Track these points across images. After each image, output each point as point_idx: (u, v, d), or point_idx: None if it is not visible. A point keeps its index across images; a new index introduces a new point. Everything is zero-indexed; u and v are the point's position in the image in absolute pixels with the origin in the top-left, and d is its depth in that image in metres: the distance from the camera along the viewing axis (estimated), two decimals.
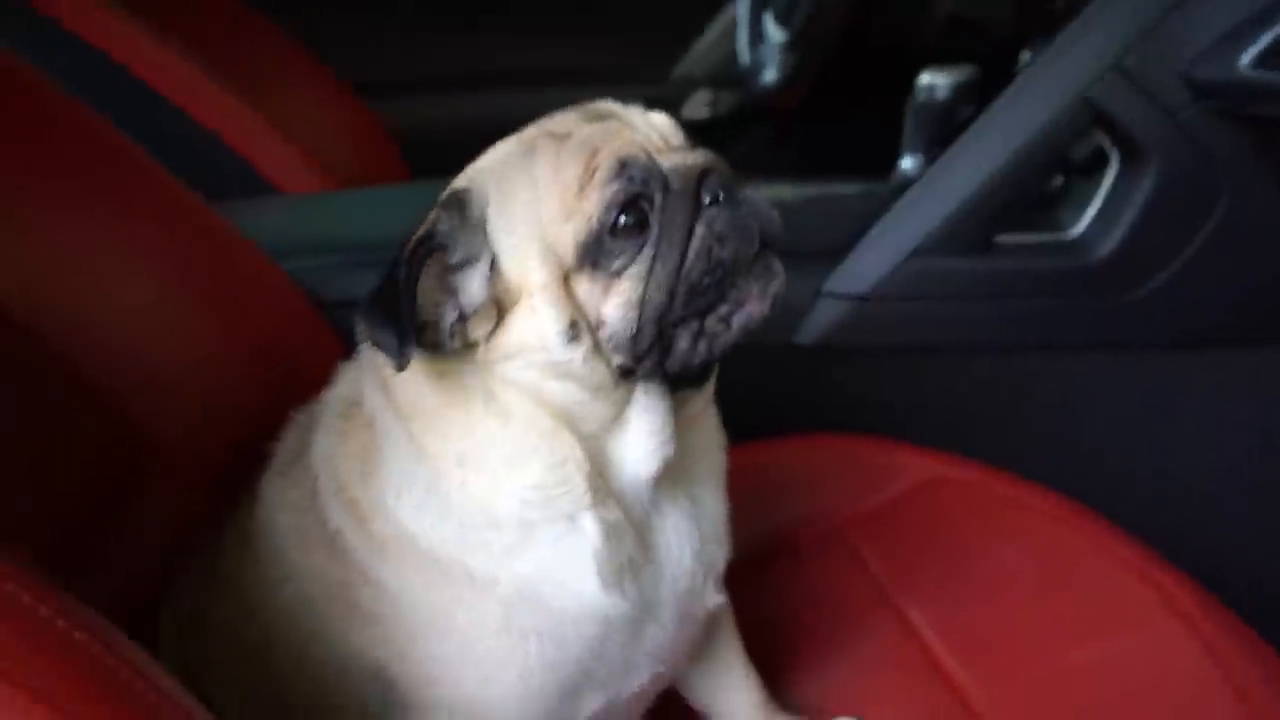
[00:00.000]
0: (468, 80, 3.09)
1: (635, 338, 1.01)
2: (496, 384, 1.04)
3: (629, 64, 3.26)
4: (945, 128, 2.03)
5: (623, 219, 0.99)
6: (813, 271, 1.88)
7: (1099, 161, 1.82)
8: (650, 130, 1.06)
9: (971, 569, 1.58)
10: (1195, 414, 1.92)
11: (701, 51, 3.31)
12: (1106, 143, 1.79)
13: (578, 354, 1.01)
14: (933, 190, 1.83)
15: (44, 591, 0.77)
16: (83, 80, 1.58)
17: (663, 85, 3.30)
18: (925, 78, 2.05)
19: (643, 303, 1.00)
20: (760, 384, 1.95)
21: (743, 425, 1.79)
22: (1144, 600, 1.45)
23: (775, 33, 3.00)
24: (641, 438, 1.07)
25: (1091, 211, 1.82)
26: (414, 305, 0.99)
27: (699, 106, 3.26)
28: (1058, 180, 1.89)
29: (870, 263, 1.85)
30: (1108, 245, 1.80)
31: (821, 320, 1.86)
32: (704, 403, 1.17)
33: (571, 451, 1.04)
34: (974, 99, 2.01)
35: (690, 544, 1.15)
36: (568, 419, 1.05)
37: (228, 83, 2.24)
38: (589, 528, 1.06)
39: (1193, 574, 1.49)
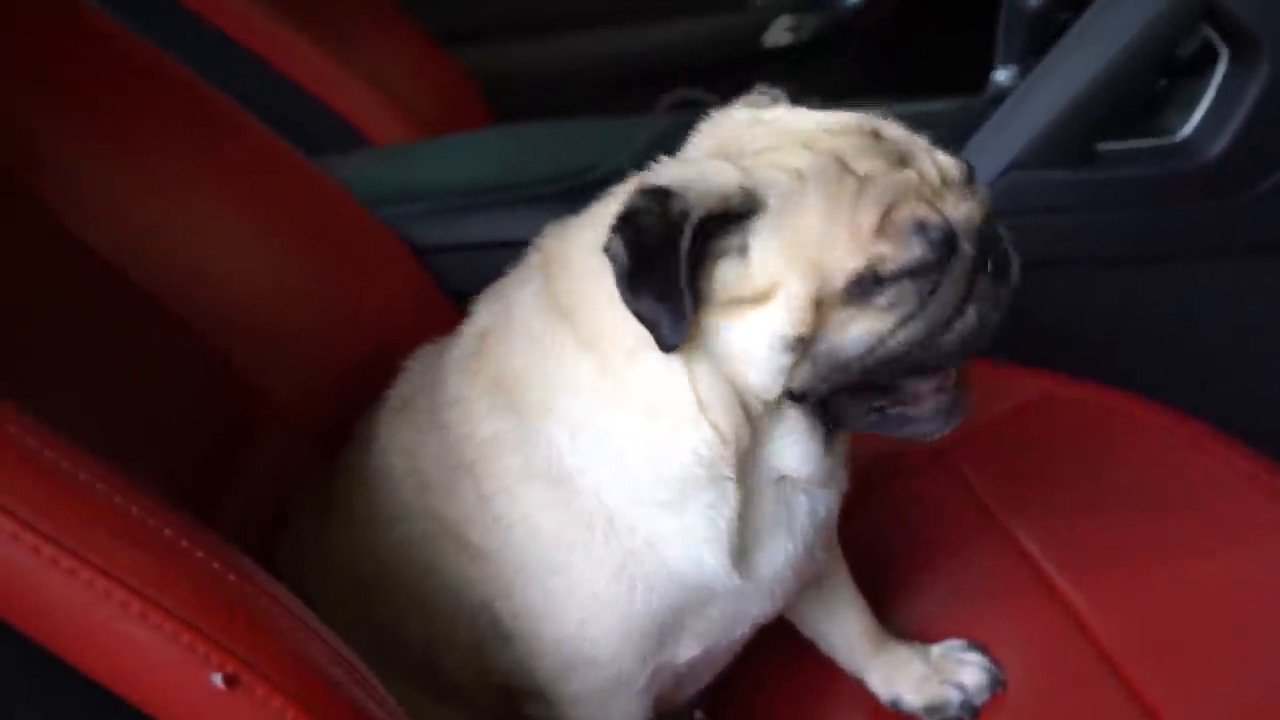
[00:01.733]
0: (544, 22, 3.07)
1: (851, 365, 1.03)
2: (693, 358, 1.04)
3: None
4: (1040, 35, 1.95)
5: (913, 274, 1.02)
6: None
7: (1207, 58, 1.73)
8: (936, 173, 1.06)
9: (1082, 487, 1.55)
10: None
11: None
12: (1215, 37, 1.70)
13: (784, 363, 1.02)
14: (1030, 100, 1.77)
15: (186, 526, 0.81)
16: (176, 43, 1.61)
17: (743, 13, 3.24)
18: None
19: (883, 340, 1.02)
20: None
21: None
22: (1266, 511, 1.41)
23: None
24: (791, 454, 1.10)
25: (1200, 112, 1.75)
26: (691, 284, 0.98)
27: (781, 32, 3.20)
28: (1162, 82, 1.82)
29: None
30: (1217, 146, 1.72)
31: None
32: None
33: (736, 430, 1.06)
34: (1069, 3, 1.93)
35: (805, 542, 1.17)
36: (743, 402, 1.06)
37: (315, 38, 2.27)
38: (733, 498, 1.08)
39: None
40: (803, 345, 1.01)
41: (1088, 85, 1.71)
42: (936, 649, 1.38)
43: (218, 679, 0.76)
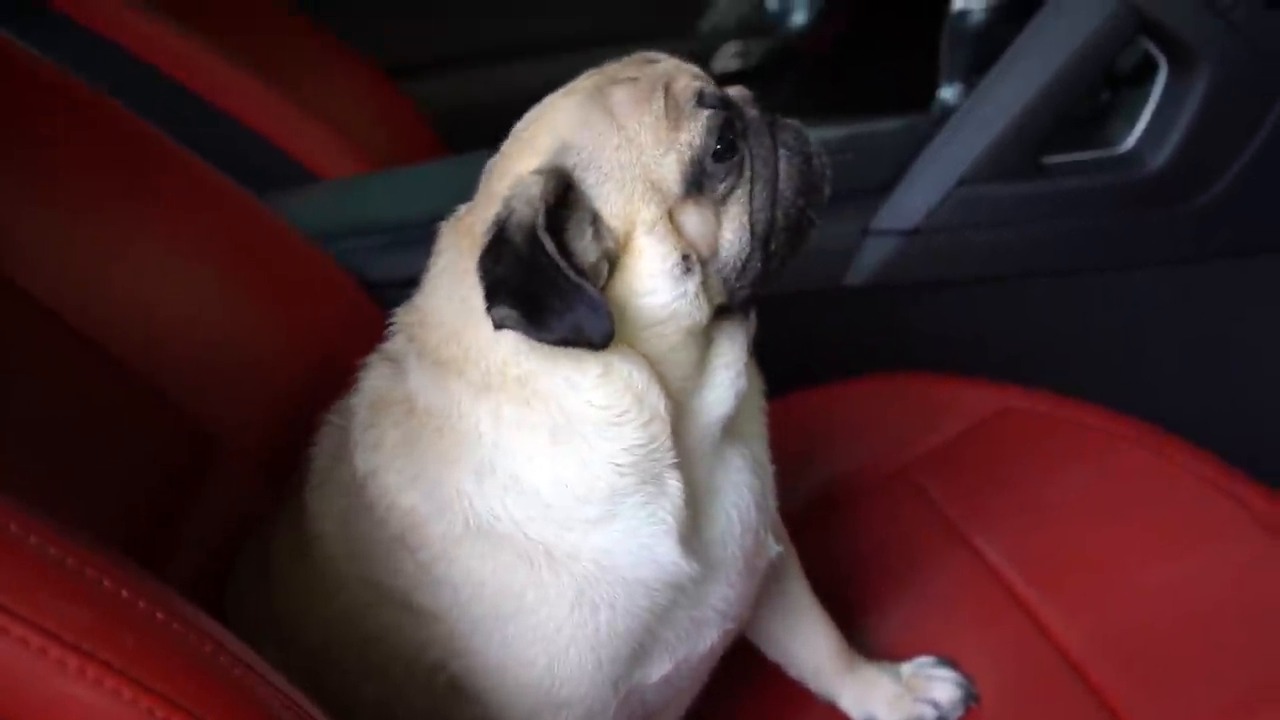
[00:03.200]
0: (493, 54, 3.07)
1: (748, 261, 1.05)
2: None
3: (654, 21, 3.22)
4: (983, 52, 1.98)
5: (720, 145, 1.02)
6: (859, 210, 1.85)
7: (1147, 70, 1.76)
8: (687, 67, 1.09)
9: (1043, 497, 1.55)
10: (1267, 323, 1.87)
11: (727, 2, 3.26)
12: (1154, 49, 1.73)
13: (690, 287, 1.01)
14: (976, 117, 1.79)
15: (126, 576, 0.78)
16: (115, 82, 1.59)
17: (690, 40, 3.26)
18: (959, 2, 2.00)
19: (753, 221, 1.04)
20: (814, 329, 1.93)
21: (799, 372, 1.79)
22: (1226, 514, 1.41)
23: None
24: (722, 375, 1.08)
25: (1142, 123, 1.77)
26: (576, 275, 0.96)
27: (729, 58, 3.22)
28: (1105, 94, 1.84)
29: (917, 196, 1.81)
30: (1161, 157, 1.75)
31: (871, 259, 1.83)
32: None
33: (659, 407, 1.02)
34: (1011, 19, 1.95)
35: (752, 496, 1.14)
36: (659, 371, 1.03)
37: (259, 74, 2.25)
38: (673, 487, 1.04)
39: (1272, 486, 1.45)
40: (690, 263, 1.01)
41: (1031, 99, 1.73)
42: (907, 667, 1.38)
43: None
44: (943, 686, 1.33)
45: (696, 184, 1.02)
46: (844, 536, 1.61)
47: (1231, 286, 1.85)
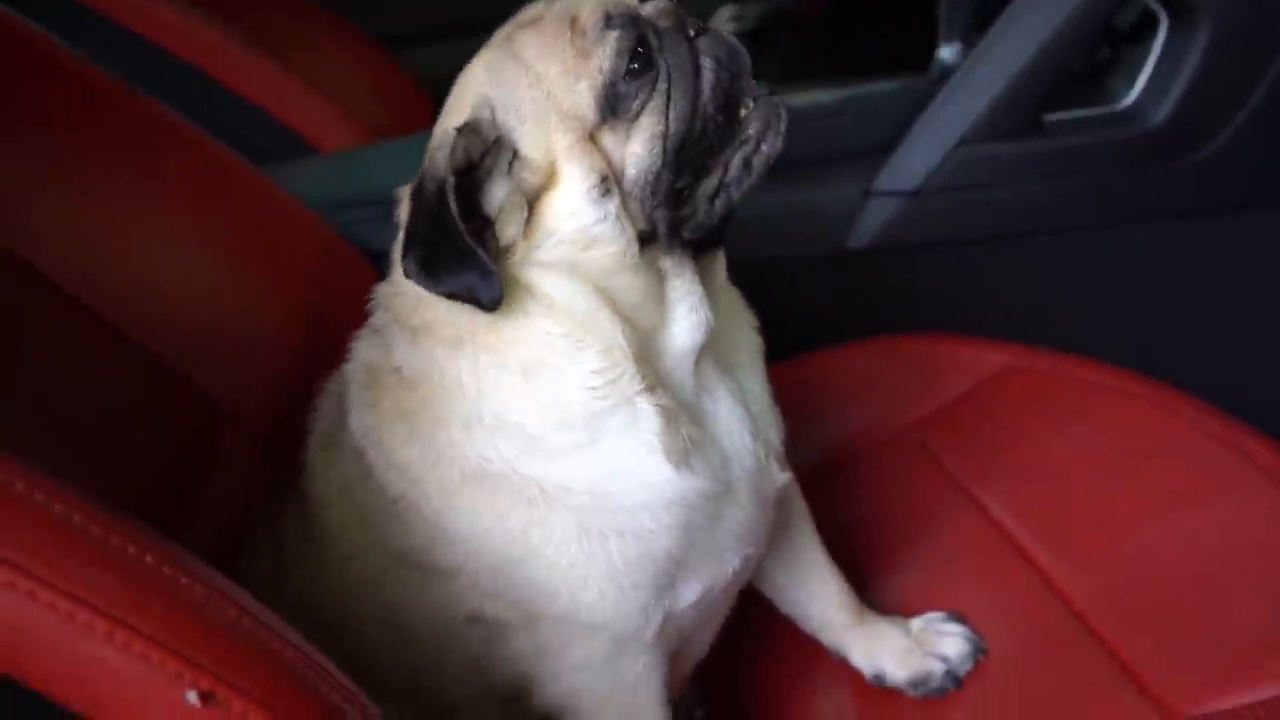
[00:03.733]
0: (490, 22, 3.04)
1: (659, 176, 1.03)
2: (535, 276, 1.06)
3: None
4: (981, 12, 1.97)
5: (633, 64, 1.02)
6: (860, 172, 1.85)
7: (1147, 26, 1.75)
8: None
9: (1049, 454, 1.56)
10: (1269, 276, 1.87)
11: None
12: (1154, 4, 1.72)
13: (610, 209, 1.03)
14: (975, 76, 1.78)
15: (150, 542, 0.79)
16: (119, 60, 1.58)
17: (686, 3, 3.24)
18: None
19: (665, 135, 1.03)
20: (817, 292, 1.94)
21: (804, 335, 1.79)
22: (1232, 468, 1.42)
23: None
24: (678, 308, 1.09)
25: (1143, 79, 1.77)
26: (474, 240, 1.00)
27: (725, 22, 3.19)
28: (1104, 51, 1.83)
29: (918, 157, 1.81)
30: (1162, 112, 1.75)
31: (874, 221, 1.84)
32: (723, 270, 1.18)
33: (615, 333, 1.06)
34: None
35: (743, 422, 1.16)
36: (607, 298, 1.06)
37: (258, 49, 2.24)
38: (645, 410, 1.07)
39: (1277, 439, 1.46)
40: (608, 184, 1.03)
41: (1031, 57, 1.72)
42: (916, 622, 1.39)
43: (192, 696, 0.74)
44: (952, 641, 1.35)
45: (612, 106, 1.02)
46: (852, 496, 1.62)
47: (1234, 240, 1.85)
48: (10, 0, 1.44)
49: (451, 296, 1.01)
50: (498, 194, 1.04)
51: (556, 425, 1.06)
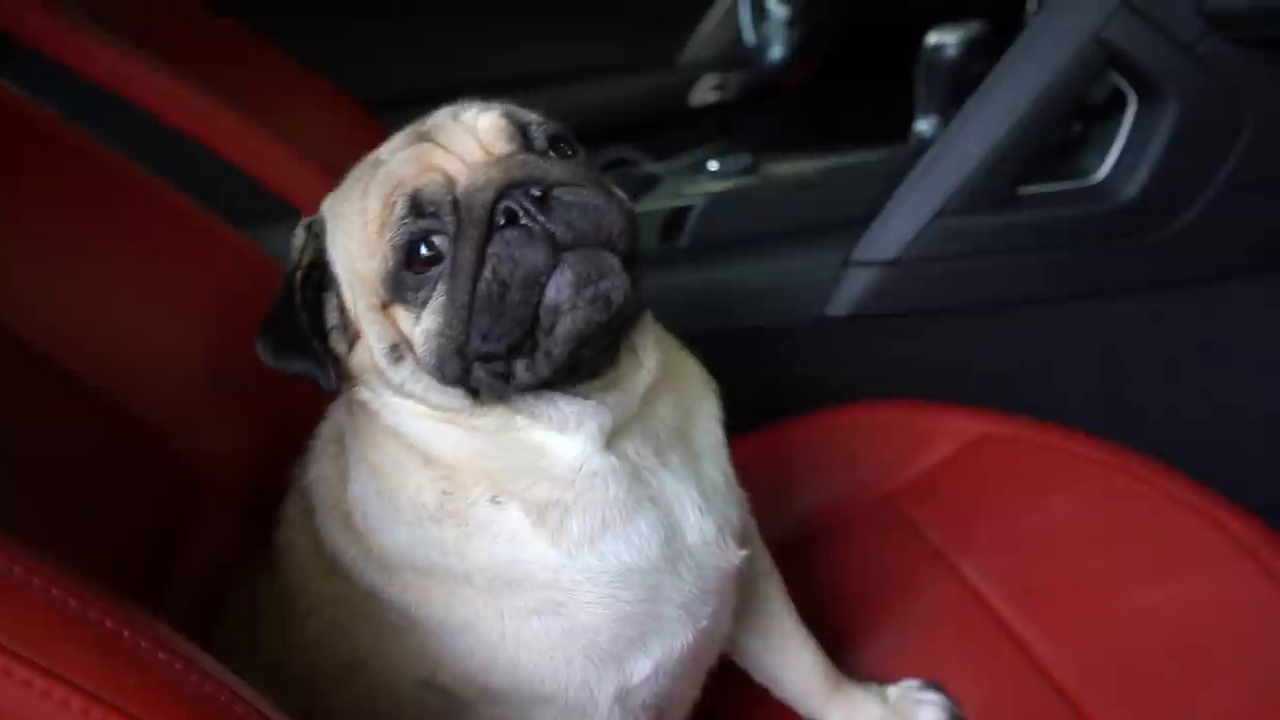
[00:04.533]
0: (473, 87, 3.08)
1: (440, 368, 1.03)
2: (371, 399, 1.11)
3: (633, 54, 3.26)
4: (958, 86, 2.02)
5: (422, 251, 1.01)
6: (838, 242, 1.88)
7: (1117, 102, 1.80)
8: (469, 142, 1.04)
9: (1027, 524, 1.57)
10: (1240, 347, 1.90)
11: (706, 35, 3.29)
12: (1123, 83, 1.77)
13: (405, 373, 1.06)
14: (952, 149, 1.82)
15: (128, 616, 0.78)
16: (92, 118, 1.60)
17: (668, 72, 3.29)
18: (933, 37, 2.04)
19: (441, 334, 1.01)
20: (796, 359, 1.95)
21: (783, 402, 1.81)
22: (1209, 541, 1.43)
23: (778, 9, 2.99)
24: (547, 432, 1.08)
25: (1114, 154, 1.81)
26: (314, 326, 1.07)
27: (707, 91, 3.25)
28: (1077, 126, 1.88)
29: (896, 228, 1.84)
30: (1133, 186, 1.79)
31: (851, 290, 1.86)
32: (645, 376, 1.13)
33: (458, 458, 1.08)
34: (984, 54, 2.00)
35: (690, 500, 1.15)
36: (441, 430, 1.08)
37: (238, 109, 2.26)
38: (512, 511, 1.08)
39: (1253, 511, 1.47)
40: (400, 351, 1.05)
41: (1006, 132, 1.76)
42: (894, 689, 1.39)
43: None
44: (929, 710, 1.35)
45: (398, 292, 1.03)
46: (829, 563, 1.63)
47: (1208, 312, 1.89)
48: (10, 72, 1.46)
49: (297, 377, 1.07)
50: (330, 314, 1.10)
51: (427, 519, 1.09)
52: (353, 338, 1.09)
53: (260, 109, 2.31)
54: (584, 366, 1.05)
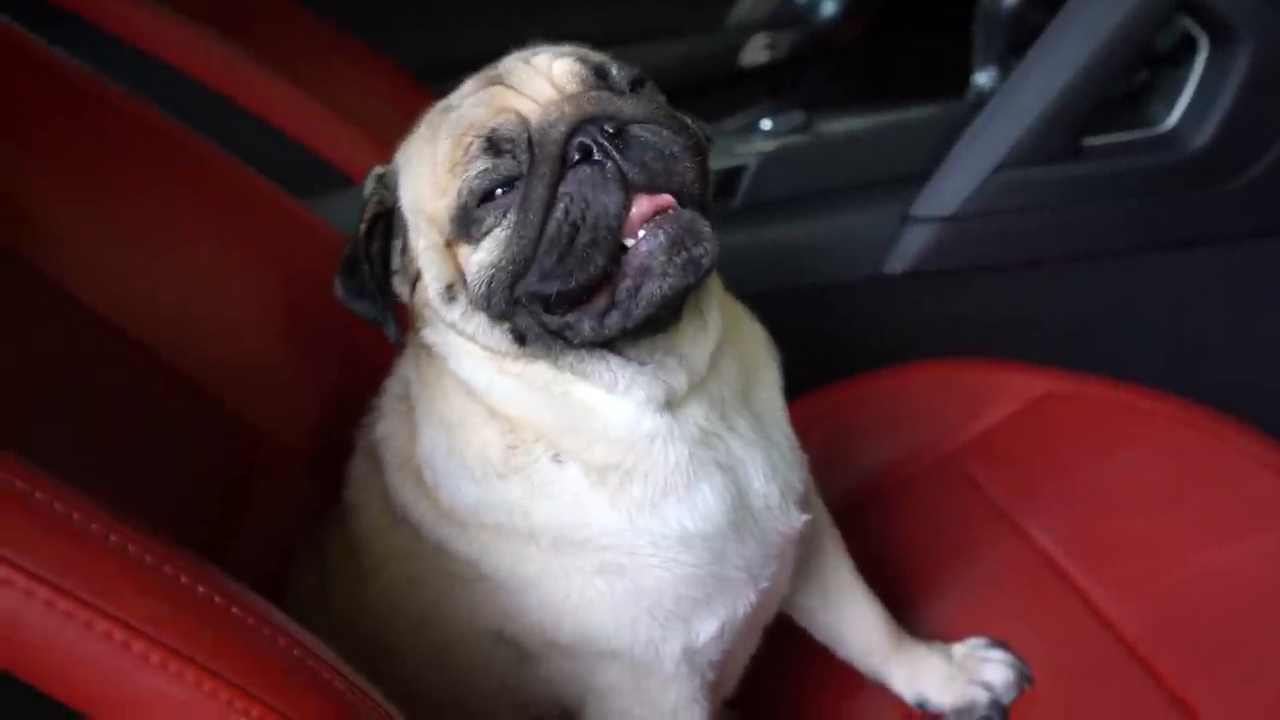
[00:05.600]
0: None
1: (488, 298, 1.02)
2: (437, 342, 1.12)
3: (683, 14, 3.22)
4: (1017, 37, 1.98)
5: (495, 189, 1.00)
6: (896, 198, 1.85)
7: (1186, 49, 1.75)
8: (542, 84, 1.03)
9: (1093, 481, 1.54)
10: None
11: None
12: (1194, 27, 1.72)
13: (457, 313, 1.06)
14: (1013, 101, 1.78)
15: (202, 572, 0.80)
16: (157, 94, 1.61)
17: (718, 34, 3.26)
18: None
19: (496, 266, 1.01)
20: (856, 318, 1.93)
21: (843, 362, 1.79)
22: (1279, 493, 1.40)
23: None
24: (598, 394, 1.08)
25: (1183, 102, 1.76)
26: (376, 276, 1.09)
27: (758, 50, 3.21)
28: (1143, 73, 1.83)
29: (955, 182, 1.81)
30: (1203, 135, 1.74)
31: (911, 246, 1.84)
32: (711, 337, 1.12)
33: (521, 411, 1.09)
34: (1043, 4, 1.94)
35: (756, 465, 1.15)
36: (499, 381, 1.09)
37: (295, 81, 2.27)
38: (572, 470, 1.09)
39: None
40: (454, 290, 1.05)
41: (1070, 81, 1.72)
42: (959, 648, 1.38)
43: None
44: (996, 668, 1.34)
45: (465, 229, 1.02)
46: (892, 522, 1.62)
47: (1276, 262, 1.83)
48: (56, 39, 1.47)
49: (368, 321, 1.10)
50: (394, 257, 1.12)
51: (493, 476, 1.10)
52: (414, 278, 1.10)
53: (311, 79, 2.33)
54: (649, 326, 1.03)
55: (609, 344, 1.04)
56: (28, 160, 1.35)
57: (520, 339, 1.04)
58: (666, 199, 0.96)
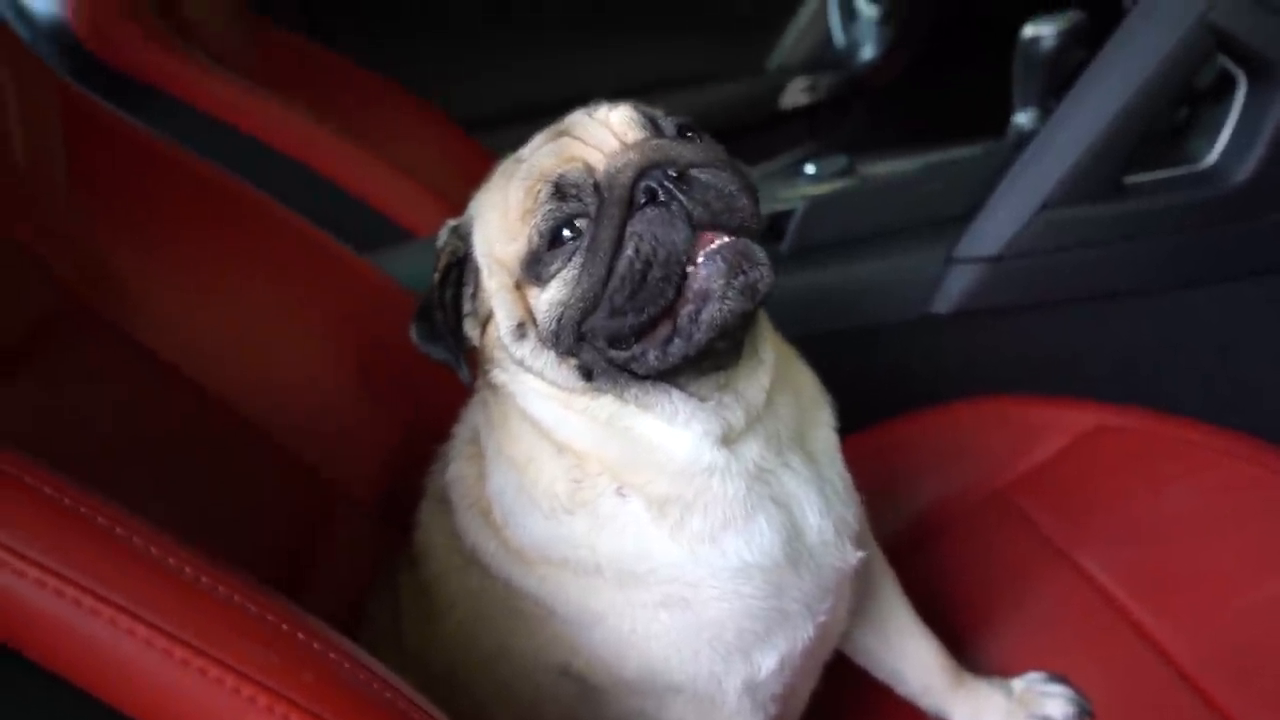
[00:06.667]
0: (567, 101, 3.14)
1: (556, 335, 1.08)
2: (505, 382, 1.17)
3: (725, 59, 3.29)
4: (1056, 77, 2.01)
5: (565, 232, 1.06)
6: (941, 239, 1.88)
7: (1225, 86, 1.77)
8: (604, 135, 1.09)
9: (1146, 513, 1.55)
10: None
11: (795, 38, 3.31)
12: (1231, 65, 1.74)
13: (526, 350, 1.11)
14: (1055, 140, 1.81)
15: (300, 619, 0.85)
16: (224, 157, 1.69)
17: (759, 78, 3.31)
18: (1030, 29, 2.02)
19: (565, 304, 1.06)
20: (904, 358, 1.96)
21: (892, 401, 1.82)
22: None
23: (868, 8, 2.99)
24: (659, 425, 1.12)
25: (1224, 138, 1.78)
26: (450, 321, 1.16)
27: (798, 93, 3.27)
28: (1183, 111, 1.85)
29: (999, 222, 1.84)
30: (1244, 170, 1.75)
31: (956, 286, 1.86)
32: (766, 372, 1.17)
33: (585, 445, 1.13)
34: (1082, 43, 1.98)
35: (810, 502, 1.18)
36: (566, 417, 1.14)
37: (351, 137, 2.35)
38: (635, 504, 1.13)
39: None
40: (524, 329, 1.11)
41: (1111, 121, 1.75)
42: (1018, 683, 1.39)
43: None
44: (1056, 703, 1.35)
45: (535, 272, 1.08)
46: (946, 559, 1.63)
47: None
48: (124, 105, 1.55)
49: (441, 363, 1.16)
50: (465, 302, 1.18)
51: (560, 511, 1.14)
52: (484, 320, 1.16)
53: (366, 134, 2.41)
54: (711, 358, 1.08)
55: (672, 379, 1.09)
56: (118, 229, 1.42)
57: (587, 374, 1.10)
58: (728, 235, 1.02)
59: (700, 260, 1.01)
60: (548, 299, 1.07)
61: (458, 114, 2.99)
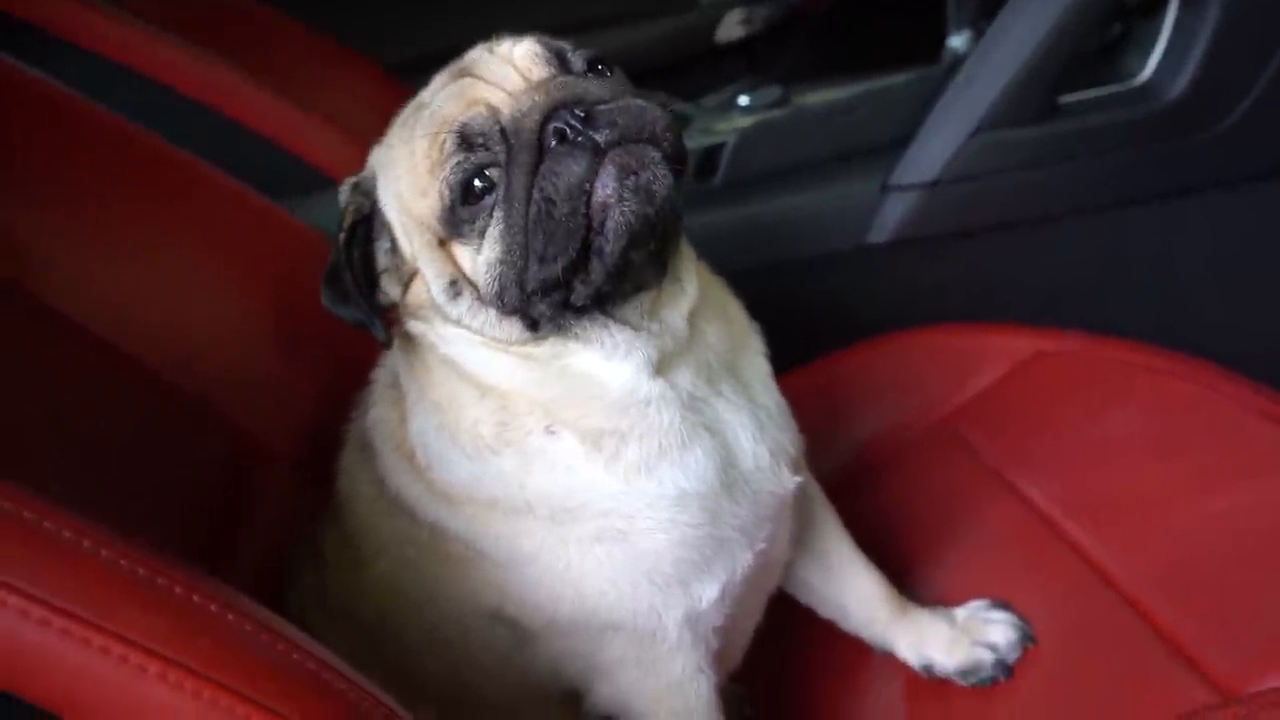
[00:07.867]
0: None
1: (501, 296, 1.03)
2: (426, 334, 1.14)
3: None
4: None
5: (476, 184, 1.01)
6: (876, 167, 1.85)
7: (1157, 1, 1.74)
8: (507, 71, 1.04)
9: (1086, 437, 1.55)
10: None
11: None
12: None
13: (463, 308, 1.06)
14: (987, 62, 1.78)
15: (195, 582, 0.80)
16: (128, 102, 1.61)
17: (694, 11, 3.24)
18: None
19: (502, 261, 1.02)
20: (840, 290, 1.94)
21: (830, 334, 1.79)
22: (1276, 443, 1.40)
23: None
24: (597, 360, 1.09)
25: (1157, 53, 1.76)
26: (359, 282, 1.10)
27: (733, 26, 3.20)
28: (1116, 28, 1.82)
29: (934, 148, 1.81)
30: (1179, 85, 1.74)
31: (893, 215, 1.84)
32: (687, 299, 1.13)
33: (512, 387, 1.10)
34: None
35: (744, 427, 1.17)
36: (496, 359, 1.10)
37: (268, 83, 2.26)
38: (568, 439, 1.11)
39: None
40: (459, 286, 1.06)
41: (1043, 39, 1.72)
42: (961, 611, 1.39)
43: None
44: (999, 629, 1.34)
45: (454, 227, 1.03)
46: (887, 492, 1.62)
47: (1261, 209, 1.83)
48: (25, 56, 1.47)
49: (356, 325, 1.11)
50: (380, 258, 1.12)
51: (486, 451, 1.11)
52: (407, 277, 1.11)
53: (285, 80, 2.32)
54: (633, 273, 1.04)
55: (604, 307, 1.06)
56: (20, 190, 1.36)
57: (533, 325, 1.06)
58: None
59: (597, 178, 0.97)
60: (485, 259, 1.03)
61: (382, 58, 2.90)
